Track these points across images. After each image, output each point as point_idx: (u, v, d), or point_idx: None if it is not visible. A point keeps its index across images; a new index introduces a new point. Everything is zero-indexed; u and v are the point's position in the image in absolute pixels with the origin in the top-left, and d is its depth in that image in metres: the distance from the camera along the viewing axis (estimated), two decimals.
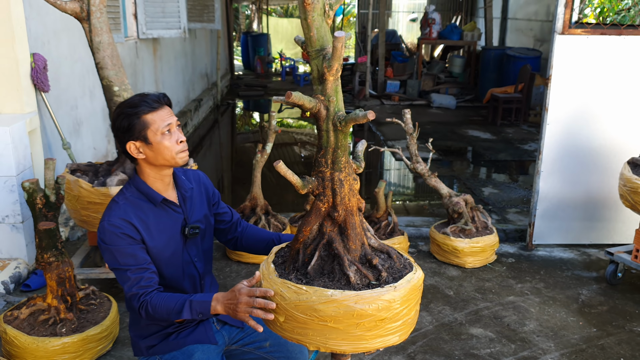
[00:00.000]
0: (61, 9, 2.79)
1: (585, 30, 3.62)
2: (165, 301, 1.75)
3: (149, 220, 1.85)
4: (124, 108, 1.82)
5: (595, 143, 3.80)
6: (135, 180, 1.88)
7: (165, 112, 1.83)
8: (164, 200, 1.89)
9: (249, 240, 2.11)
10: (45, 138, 3.96)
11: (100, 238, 1.81)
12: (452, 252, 3.62)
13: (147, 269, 1.80)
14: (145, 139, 1.80)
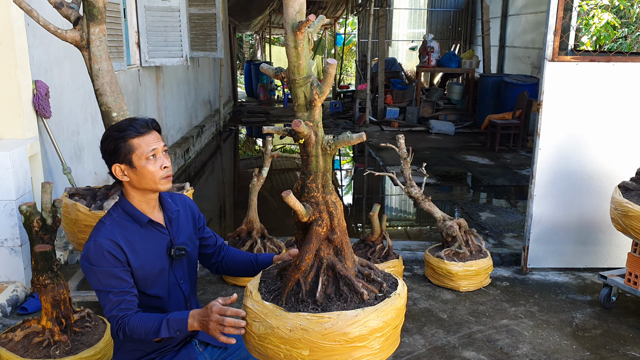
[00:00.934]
0: (62, 37, 2.88)
1: (574, 57, 3.70)
2: (142, 322, 1.76)
3: (135, 241, 1.88)
4: (112, 131, 1.88)
5: (587, 167, 3.84)
6: (122, 202, 1.92)
7: (152, 137, 1.87)
8: (150, 221, 1.92)
9: (229, 263, 2.15)
10: (47, 163, 4.04)
11: (85, 257, 1.82)
12: (446, 276, 3.64)
13: (128, 292, 1.82)
14: (130, 163, 1.85)
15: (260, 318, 1.58)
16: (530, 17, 11.30)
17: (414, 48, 14.44)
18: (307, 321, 1.51)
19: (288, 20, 1.57)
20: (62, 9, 2.95)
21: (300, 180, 1.71)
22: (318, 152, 1.67)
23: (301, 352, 1.52)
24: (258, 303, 1.62)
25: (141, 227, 1.91)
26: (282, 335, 1.53)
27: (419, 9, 15.36)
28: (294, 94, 1.65)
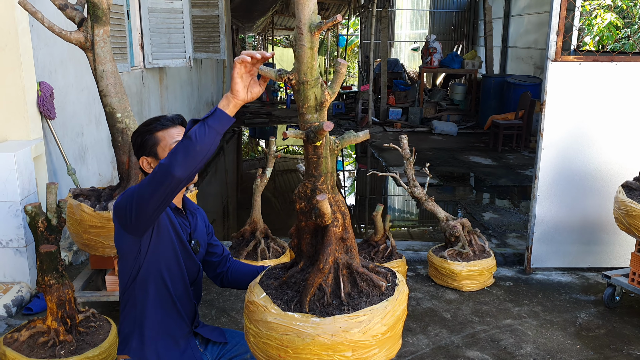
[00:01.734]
0: (66, 39, 2.90)
1: (577, 57, 3.70)
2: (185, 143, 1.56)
3: (163, 218, 1.88)
4: (141, 126, 1.97)
5: (590, 167, 3.84)
6: None
7: (177, 130, 1.94)
8: (176, 208, 1.98)
9: (234, 275, 2.17)
10: (51, 164, 4.05)
11: (120, 198, 1.79)
12: (449, 276, 3.65)
13: None
14: (155, 155, 1.93)
15: (294, 330, 1.53)
16: (533, 17, 11.30)
17: (416, 49, 14.45)
18: (346, 322, 1.50)
19: (304, 20, 1.54)
20: (66, 10, 2.96)
21: (310, 183, 1.67)
22: (327, 153, 1.66)
23: (344, 354, 1.51)
24: (284, 316, 1.55)
25: (169, 210, 1.94)
26: (324, 342, 1.50)
27: (422, 10, 15.37)
28: (304, 95, 1.60)
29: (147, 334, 1.94)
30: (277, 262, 3.63)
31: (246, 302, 1.69)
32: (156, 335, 1.95)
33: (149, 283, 1.90)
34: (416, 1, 15.40)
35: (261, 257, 3.61)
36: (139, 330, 1.96)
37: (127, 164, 3.08)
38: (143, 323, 1.94)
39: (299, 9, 1.54)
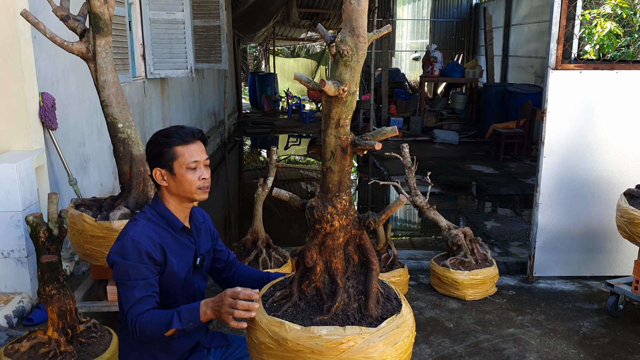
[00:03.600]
0: (68, 49, 2.92)
1: (578, 65, 3.71)
2: (154, 317, 1.77)
3: (169, 245, 1.90)
4: (159, 136, 1.91)
5: (592, 175, 3.84)
6: (158, 205, 1.95)
7: (196, 147, 1.91)
8: (183, 227, 1.96)
9: (240, 279, 2.16)
10: (53, 174, 4.06)
11: (119, 252, 1.82)
12: (452, 285, 3.63)
13: (153, 291, 1.83)
14: (170, 169, 1.89)
15: (356, 339, 1.60)
16: (533, 26, 11.34)
17: (417, 58, 14.49)
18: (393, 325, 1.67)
19: (363, 30, 1.61)
20: (68, 21, 2.98)
21: (347, 196, 1.76)
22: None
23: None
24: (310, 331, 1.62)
25: (174, 231, 1.94)
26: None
27: (422, 19, 15.43)
28: (350, 106, 1.66)
29: (151, 351, 1.94)
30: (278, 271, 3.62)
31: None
32: (159, 353, 1.94)
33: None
34: (417, 11, 15.48)
35: (263, 266, 3.60)
36: (141, 351, 1.96)
37: (128, 174, 3.08)
38: (146, 345, 1.93)
39: (357, 19, 1.58)
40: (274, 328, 1.64)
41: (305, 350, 1.58)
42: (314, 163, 9.84)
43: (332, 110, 1.66)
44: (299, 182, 8.57)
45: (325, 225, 1.74)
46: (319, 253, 1.78)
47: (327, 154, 1.72)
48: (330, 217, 1.73)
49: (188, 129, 1.92)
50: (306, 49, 22.70)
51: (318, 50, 21.53)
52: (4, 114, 3.58)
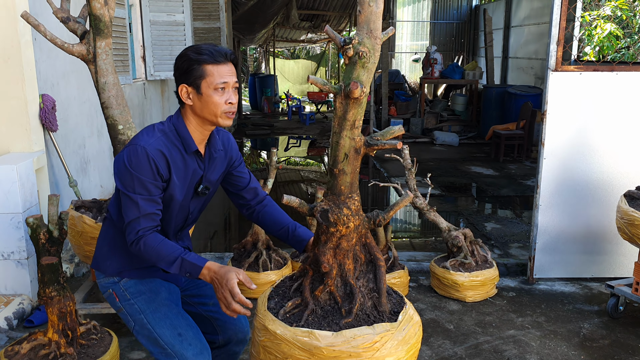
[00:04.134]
0: (68, 51, 2.92)
1: (578, 67, 3.71)
2: (160, 246, 1.79)
3: (177, 163, 1.88)
4: (190, 51, 1.83)
5: (592, 176, 3.84)
6: (178, 121, 1.90)
7: (227, 69, 1.84)
8: (196, 151, 1.92)
9: (266, 217, 2.13)
10: (53, 176, 4.06)
11: (127, 160, 1.80)
12: (452, 286, 3.63)
13: (156, 206, 1.83)
14: (197, 88, 1.83)
15: (387, 335, 1.65)
16: (533, 28, 11.35)
17: (417, 60, 14.50)
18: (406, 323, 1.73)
19: (379, 32, 1.68)
20: (69, 23, 2.99)
21: (357, 196, 1.79)
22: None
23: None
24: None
25: (186, 152, 1.90)
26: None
27: (422, 21, 15.45)
28: (363, 107, 1.69)
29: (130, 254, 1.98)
30: (278, 273, 3.62)
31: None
32: (136, 257, 1.97)
33: None
34: (417, 12, 15.50)
35: (263, 268, 3.60)
36: (119, 249, 2.00)
37: None
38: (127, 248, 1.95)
39: (374, 21, 1.65)
40: (302, 339, 1.63)
41: (343, 355, 1.60)
42: (313, 164, 9.84)
43: (349, 112, 1.68)
44: (299, 183, 8.58)
45: (341, 227, 1.75)
46: (334, 257, 1.78)
47: (339, 156, 1.72)
48: (346, 219, 1.74)
49: (221, 49, 1.84)
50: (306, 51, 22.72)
51: (318, 51, 21.55)
52: (5, 115, 3.58)
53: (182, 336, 1.92)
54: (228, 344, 2.17)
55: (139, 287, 1.99)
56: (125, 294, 1.99)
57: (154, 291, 1.99)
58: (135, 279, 2.00)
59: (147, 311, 1.96)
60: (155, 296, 1.99)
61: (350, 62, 1.64)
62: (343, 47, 1.64)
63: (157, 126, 1.90)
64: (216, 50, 1.82)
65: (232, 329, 2.14)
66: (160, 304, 1.97)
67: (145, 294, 1.98)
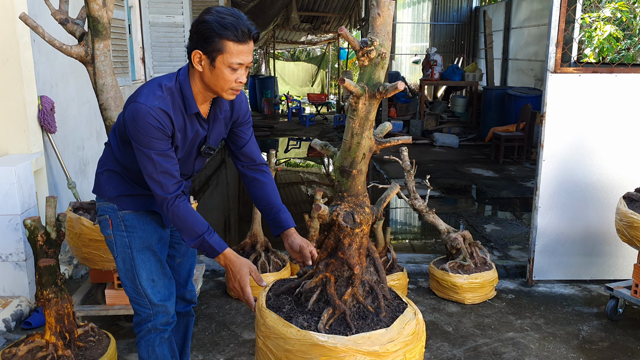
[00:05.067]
0: (67, 53, 2.92)
1: (577, 69, 3.71)
2: (187, 217, 1.88)
3: (178, 123, 1.91)
4: (214, 22, 1.76)
5: (592, 178, 3.83)
6: (184, 81, 1.90)
7: (247, 48, 1.80)
8: (196, 114, 1.94)
9: (256, 187, 2.17)
10: (52, 177, 4.06)
11: (133, 117, 1.83)
12: (451, 288, 3.62)
13: (174, 166, 1.89)
14: (212, 59, 1.80)
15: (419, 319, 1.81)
16: (533, 29, 11.34)
17: (417, 61, 14.50)
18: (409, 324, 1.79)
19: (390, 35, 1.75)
20: (67, 24, 2.99)
21: (367, 192, 1.86)
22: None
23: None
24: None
25: (186, 113, 1.92)
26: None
27: (422, 22, 15.45)
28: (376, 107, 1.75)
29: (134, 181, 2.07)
30: (277, 275, 3.61)
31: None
32: (138, 187, 2.07)
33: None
34: (417, 14, 15.50)
35: (261, 270, 3.59)
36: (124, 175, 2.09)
37: None
38: (131, 174, 2.06)
39: (390, 24, 1.70)
40: (364, 346, 1.66)
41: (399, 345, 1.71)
42: (313, 166, 9.84)
43: (371, 113, 1.75)
44: (299, 185, 8.58)
45: (365, 227, 1.79)
46: (358, 256, 1.81)
47: (359, 156, 1.78)
48: (368, 218, 1.80)
49: (245, 25, 1.78)
50: (307, 52, 22.72)
51: (318, 53, 21.55)
52: (3, 117, 3.58)
53: (155, 282, 2.11)
54: (176, 304, 2.31)
55: (135, 222, 2.09)
56: (120, 225, 2.08)
57: (148, 232, 2.10)
58: (132, 210, 2.08)
59: (135, 249, 2.09)
60: (147, 238, 2.10)
61: (372, 64, 1.68)
62: (363, 48, 1.68)
63: (165, 84, 1.90)
64: (240, 28, 1.76)
65: (182, 290, 2.35)
66: (147, 247, 2.10)
67: (138, 231, 2.09)
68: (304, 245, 2.05)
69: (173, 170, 1.89)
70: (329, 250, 1.87)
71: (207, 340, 3.18)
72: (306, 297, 1.87)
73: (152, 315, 2.14)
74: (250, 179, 2.18)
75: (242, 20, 1.78)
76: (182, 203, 1.88)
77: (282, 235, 2.13)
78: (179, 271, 2.34)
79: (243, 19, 1.79)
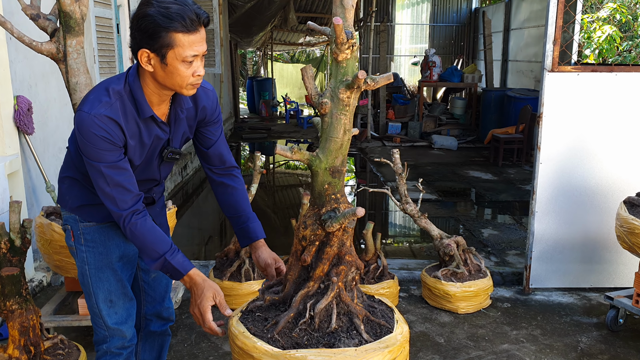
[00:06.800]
0: (37, 50, 2.77)
1: (575, 67, 3.56)
2: (146, 235, 1.71)
3: (131, 130, 1.72)
4: (157, 14, 1.56)
5: (591, 182, 3.68)
6: (134, 83, 1.72)
7: (199, 37, 1.61)
8: (151, 117, 1.75)
9: (225, 193, 2.01)
10: (30, 180, 3.91)
11: (78, 128, 1.66)
12: (443, 297, 3.46)
13: (127, 179, 1.71)
14: (162, 57, 1.61)
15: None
16: (533, 30, 11.20)
17: (416, 63, 14.35)
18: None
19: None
20: (38, 20, 2.84)
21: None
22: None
23: None
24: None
25: (139, 118, 1.74)
26: None
27: (421, 24, 15.30)
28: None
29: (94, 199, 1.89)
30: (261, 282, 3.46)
31: None
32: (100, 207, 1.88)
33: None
34: (416, 15, 15.35)
35: (245, 277, 3.44)
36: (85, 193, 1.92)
37: None
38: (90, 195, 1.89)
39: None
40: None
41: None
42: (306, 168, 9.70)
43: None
44: (296, 187, 8.45)
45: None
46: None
47: (346, 153, 1.83)
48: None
49: (193, 11, 1.58)
50: (306, 54, 22.60)
51: (318, 55, 21.42)
52: None
53: (113, 303, 1.95)
54: (151, 322, 2.19)
55: (96, 236, 1.92)
56: (80, 238, 1.93)
57: (108, 248, 1.93)
58: (95, 222, 1.91)
59: (92, 266, 1.93)
60: (107, 255, 1.93)
61: (353, 56, 1.68)
62: (349, 40, 1.64)
63: (113, 87, 1.70)
64: (188, 15, 1.57)
65: (158, 308, 2.17)
66: (107, 265, 1.93)
67: (98, 247, 1.92)
68: (269, 263, 1.90)
69: (127, 183, 1.71)
70: (331, 259, 1.74)
71: (186, 352, 3.02)
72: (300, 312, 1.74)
73: (107, 337, 1.99)
74: (217, 183, 2.02)
75: (187, 6, 1.60)
76: (139, 220, 1.71)
77: (250, 247, 1.99)
78: (155, 287, 2.16)
79: (189, 4, 1.60)
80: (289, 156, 1.69)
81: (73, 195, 1.92)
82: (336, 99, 1.72)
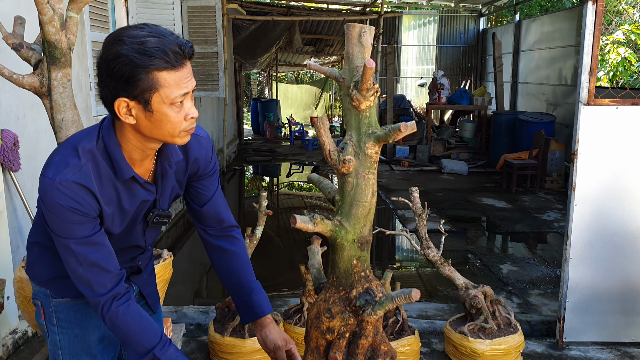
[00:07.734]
0: (18, 83, 2.48)
1: (613, 101, 3.24)
2: (130, 325, 1.40)
3: (107, 195, 1.39)
4: (132, 53, 1.25)
5: (631, 225, 3.33)
6: (110, 139, 1.38)
7: (185, 72, 1.32)
8: (132, 178, 1.42)
9: (222, 260, 1.68)
10: (15, 220, 3.60)
11: (41, 197, 1.35)
12: (470, 356, 3.10)
13: (102, 259, 1.39)
14: (145, 103, 1.30)
15: None
16: (544, 52, 10.94)
17: (423, 85, 14.11)
18: None
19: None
20: (21, 50, 2.54)
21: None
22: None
23: None
24: None
25: (117, 179, 1.41)
26: None
27: (428, 45, 15.09)
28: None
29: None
30: None
31: None
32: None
33: None
34: (422, 37, 15.15)
35: (249, 333, 3.08)
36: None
37: None
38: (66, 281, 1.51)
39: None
40: None
41: None
42: (316, 190, 9.40)
43: None
44: (302, 210, 8.14)
45: None
46: None
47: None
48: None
49: (173, 42, 1.29)
50: (310, 75, 22.44)
51: (322, 76, 21.25)
52: None
53: None
54: None
55: (71, 315, 1.58)
56: (52, 317, 1.59)
57: (86, 329, 1.59)
58: (69, 298, 1.57)
59: (67, 351, 1.60)
60: (83, 337, 1.59)
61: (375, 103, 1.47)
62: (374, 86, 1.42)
63: (83, 145, 1.37)
64: (170, 48, 1.28)
65: None
66: (84, 349, 1.60)
67: (73, 328, 1.58)
68: (279, 345, 1.56)
69: (104, 261, 1.38)
70: (366, 354, 1.42)
71: None
72: None
73: None
74: (214, 247, 1.67)
75: (167, 37, 1.29)
76: (121, 307, 1.38)
77: (255, 325, 1.64)
78: None
79: (168, 35, 1.29)
80: (310, 229, 1.36)
81: (43, 265, 1.58)
82: (362, 155, 1.40)
